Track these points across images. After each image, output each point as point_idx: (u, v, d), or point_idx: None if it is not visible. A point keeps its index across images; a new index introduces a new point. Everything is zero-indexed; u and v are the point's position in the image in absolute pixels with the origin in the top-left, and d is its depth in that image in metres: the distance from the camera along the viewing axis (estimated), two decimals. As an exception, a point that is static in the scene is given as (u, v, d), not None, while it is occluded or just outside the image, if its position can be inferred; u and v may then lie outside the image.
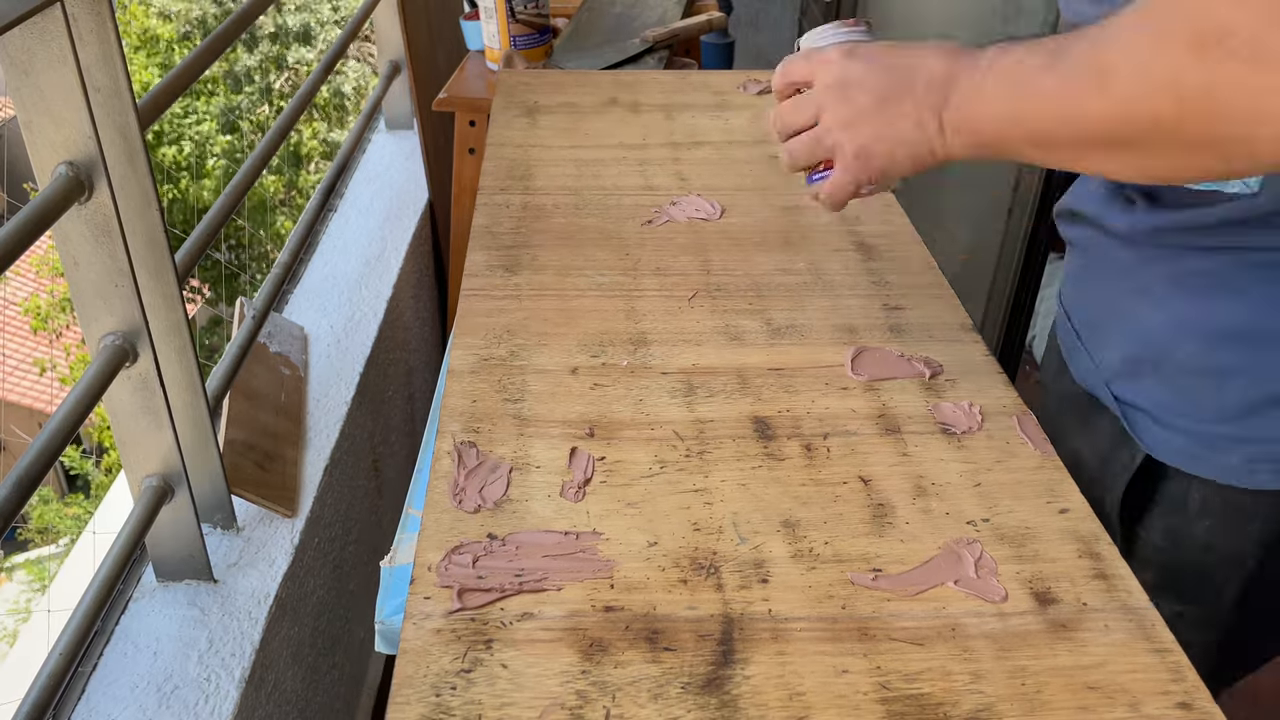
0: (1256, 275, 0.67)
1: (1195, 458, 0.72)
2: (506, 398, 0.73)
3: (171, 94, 0.94)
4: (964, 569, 0.60)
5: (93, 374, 0.80)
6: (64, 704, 0.84)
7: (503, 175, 1.05)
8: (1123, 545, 0.76)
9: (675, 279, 0.88)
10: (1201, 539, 0.74)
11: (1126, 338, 0.75)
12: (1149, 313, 0.73)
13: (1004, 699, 0.52)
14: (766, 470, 0.67)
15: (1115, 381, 0.76)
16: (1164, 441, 0.73)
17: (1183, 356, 0.71)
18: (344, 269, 1.54)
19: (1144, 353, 0.74)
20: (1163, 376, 0.73)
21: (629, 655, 0.54)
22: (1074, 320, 0.83)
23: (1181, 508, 0.74)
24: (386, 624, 0.80)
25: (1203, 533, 0.74)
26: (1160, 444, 0.74)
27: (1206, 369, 0.70)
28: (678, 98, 1.25)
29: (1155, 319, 0.73)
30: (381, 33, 1.87)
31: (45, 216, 0.72)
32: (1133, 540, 0.78)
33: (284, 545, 1.03)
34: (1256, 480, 0.70)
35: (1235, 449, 0.70)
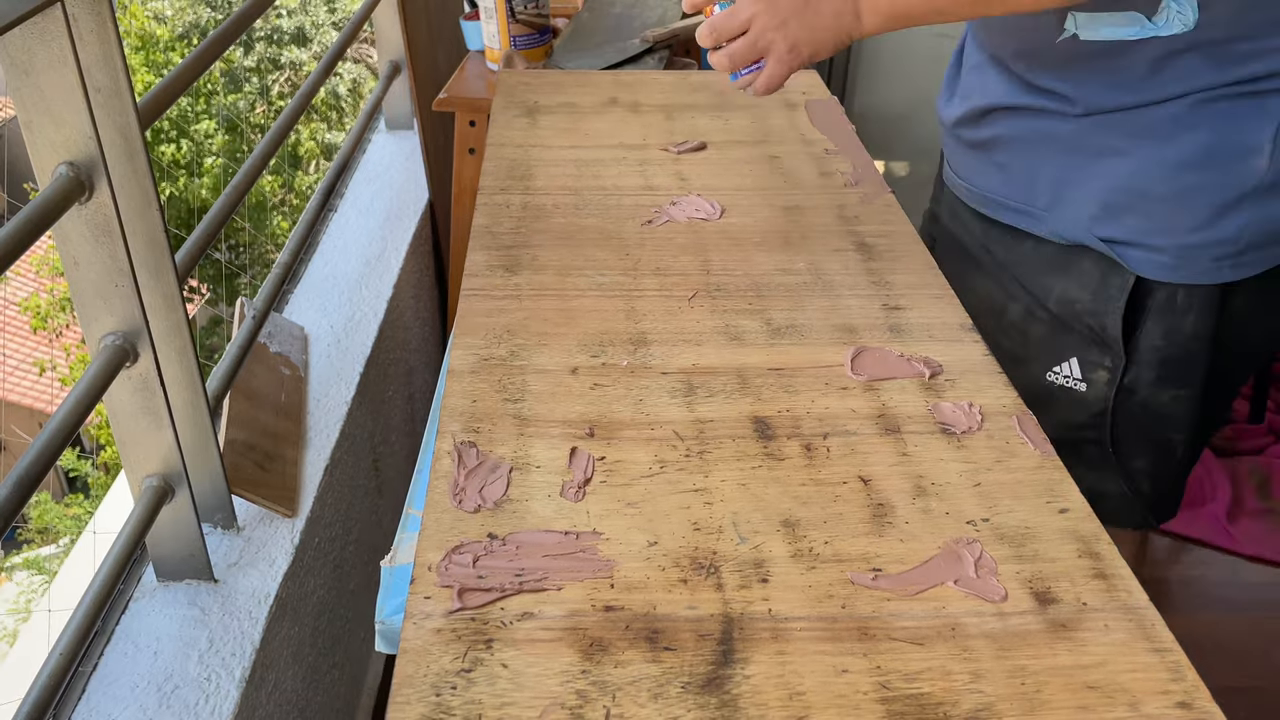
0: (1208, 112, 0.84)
1: (1176, 268, 0.90)
2: (506, 398, 0.73)
3: (171, 94, 0.94)
4: (964, 569, 0.60)
5: (93, 374, 0.80)
6: (64, 704, 0.84)
7: (503, 175, 1.05)
8: (1126, 356, 0.94)
9: (675, 279, 0.88)
10: (1189, 330, 0.92)
11: (1099, 189, 0.91)
12: (1118, 164, 0.89)
13: (1004, 698, 0.52)
14: (766, 470, 0.67)
15: (1096, 226, 0.92)
16: (1149, 260, 0.90)
17: (1155, 190, 0.88)
18: (344, 269, 1.54)
19: (1120, 196, 0.90)
20: (1140, 210, 0.89)
21: (629, 655, 0.54)
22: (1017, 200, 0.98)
23: (1170, 309, 0.92)
24: (387, 624, 0.80)
25: (1189, 325, 0.92)
26: (1147, 264, 0.90)
27: (1175, 194, 0.87)
28: (678, 98, 1.25)
29: (1125, 167, 0.89)
30: (381, 33, 1.87)
31: (45, 216, 0.72)
32: (1134, 350, 0.94)
33: (284, 545, 1.03)
34: (1222, 275, 0.89)
35: (1205, 253, 0.88)
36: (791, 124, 1.18)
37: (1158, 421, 0.98)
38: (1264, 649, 1.64)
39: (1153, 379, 0.95)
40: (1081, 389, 0.98)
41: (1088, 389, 0.98)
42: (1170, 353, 0.93)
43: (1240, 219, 0.87)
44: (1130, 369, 0.95)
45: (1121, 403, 0.97)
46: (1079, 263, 0.94)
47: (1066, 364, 0.99)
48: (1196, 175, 0.86)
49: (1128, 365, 0.95)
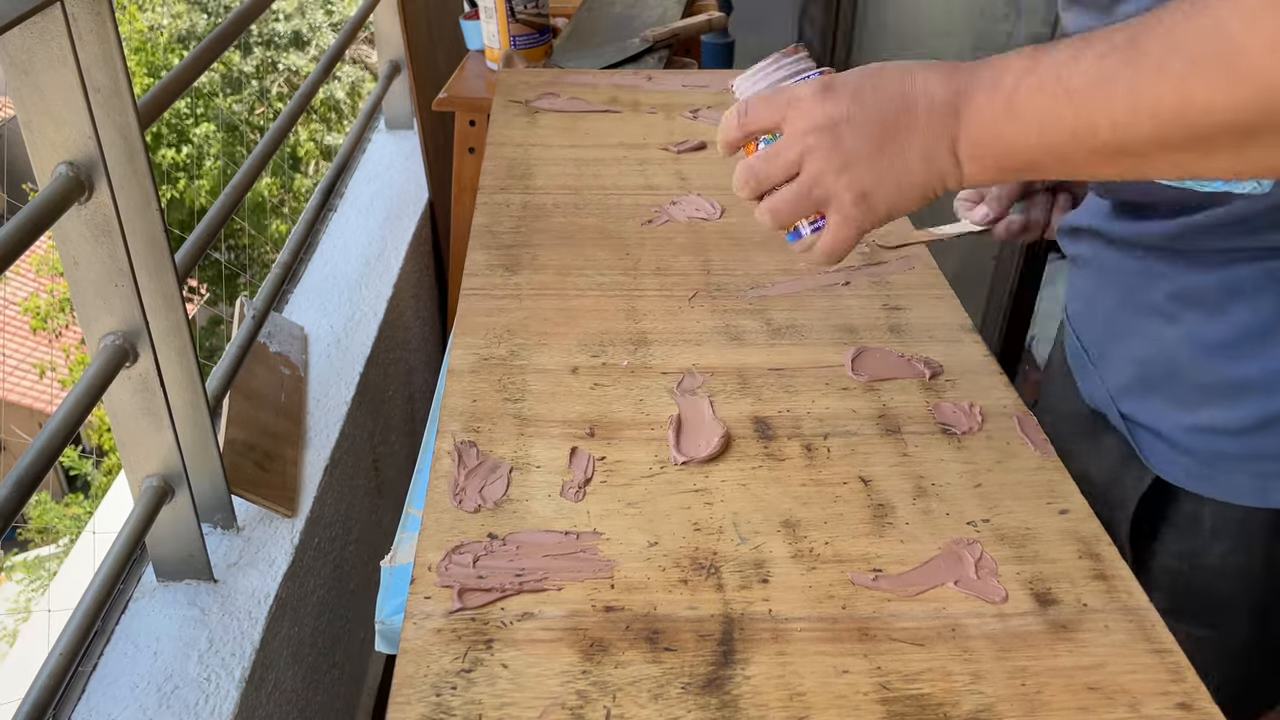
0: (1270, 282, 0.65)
1: (1204, 478, 0.70)
2: (507, 397, 0.73)
3: (171, 94, 0.94)
4: (964, 569, 0.60)
5: (93, 374, 0.80)
6: (64, 704, 0.84)
7: (503, 175, 1.05)
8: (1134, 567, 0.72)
9: (675, 279, 0.88)
10: (1216, 562, 0.72)
11: (1135, 355, 0.73)
12: (1159, 328, 0.71)
13: (1004, 699, 0.52)
14: (767, 470, 0.67)
15: (1123, 400, 0.74)
16: (1171, 461, 0.72)
17: (1194, 372, 0.69)
18: (344, 269, 1.54)
19: (1153, 370, 0.72)
20: (1172, 394, 0.71)
21: (629, 655, 0.54)
22: (1082, 339, 0.80)
23: (1195, 529, 0.72)
24: (387, 624, 0.80)
25: (1217, 556, 0.72)
26: (1167, 464, 0.72)
27: (1219, 384, 0.68)
28: (678, 97, 1.25)
29: (1165, 334, 0.70)
30: (381, 33, 1.87)
31: (45, 216, 0.72)
32: (1145, 562, 0.76)
33: (284, 545, 1.03)
34: (1270, 499, 0.68)
35: (1246, 466, 0.68)
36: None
37: None
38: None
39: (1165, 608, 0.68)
40: None
41: None
42: (1186, 582, 0.74)
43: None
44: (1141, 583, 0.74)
45: None
46: (1103, 439, 0.77)
47: None
48: (1245, 368, 0.67)
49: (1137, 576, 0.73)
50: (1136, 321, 0.73)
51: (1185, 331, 0.69)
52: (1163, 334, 0.71)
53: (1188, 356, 0.69)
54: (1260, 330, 0.66)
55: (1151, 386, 0.72)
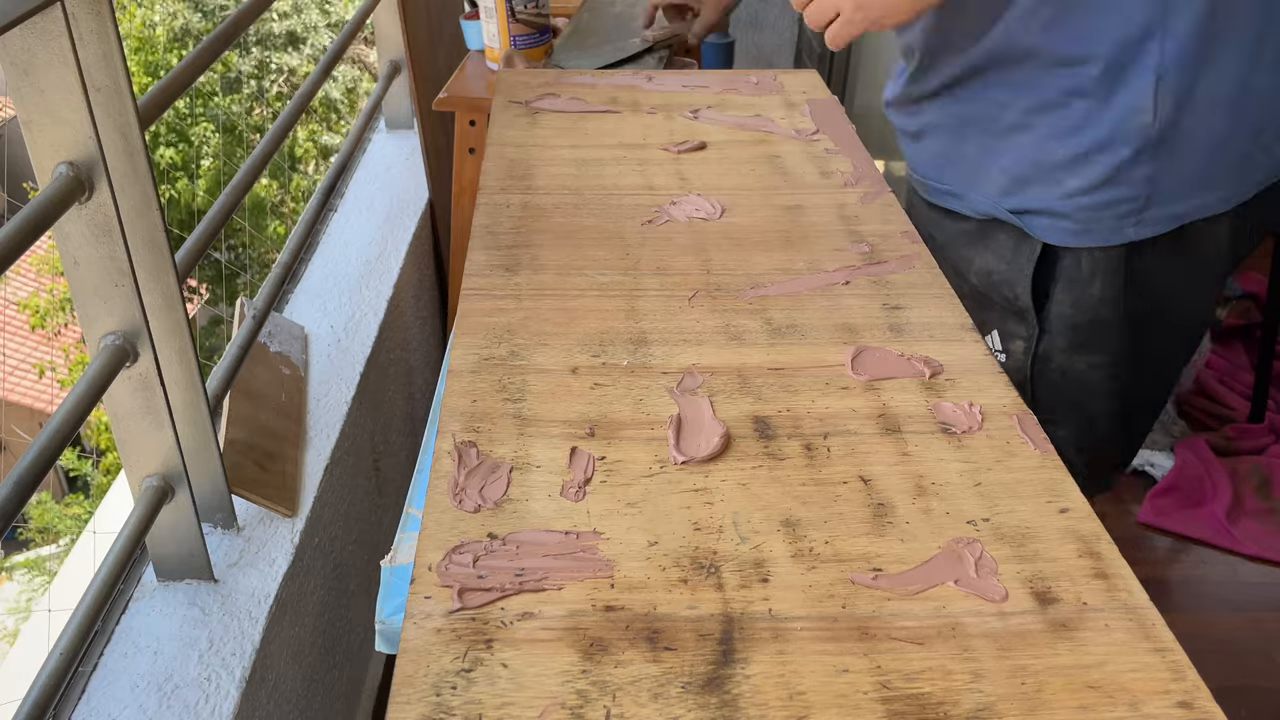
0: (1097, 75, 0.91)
1: (1078, 233, 0.95)
2: (507, 397, 0.73)
3: (172, 94, 0.94)
4: (964, 568, 0.60)
5: (93, 374, 0.80)
6: (64, 704, 0.84)
7: (503, 175, 1.05)
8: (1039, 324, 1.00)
9: (675, 278, 0.88)
10: (1097, 295, 0.96)
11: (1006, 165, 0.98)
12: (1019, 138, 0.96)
13: (1004, 698, 0.52)
14: (767, 470, 0.67)
15: (1006, 199, 0.99)
16: (1053, 227, 0.96)
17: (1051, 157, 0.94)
18: (344, 269, 1.54)
19: (1024, 168, 0.97)
20: (1042, 179, 0.95)
21: (629, 655, 0.54)
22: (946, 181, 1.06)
23: (1077, 276, 0.96)
24: (387, 624, 0.80)
25: (1097, 290, 0.96)
26: (1051, 230, 0.96)
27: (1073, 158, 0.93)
28: (678, 98, 1.25)
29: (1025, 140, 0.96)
30: (381, 32, 1.87)
31: (45, 216, 0.72)
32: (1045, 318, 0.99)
33: (284, 545, 1.03)
34: (1125, 234, 0.94)
35: (1105, 213, 0.93)
36: (792, 124, 1.18)
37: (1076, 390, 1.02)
38: (1264, 649, 1.64)
39: (1065, 346, 1.00)
40: (1002, 359, 1.02)
41: (1008, 360, 1.03)
42: (1079, 319, 0.98)
43: (1137, 173, 0.91)
44: (1044, 337, 1.00)
45: (1039, 371, 1.01)
46: (995, 235, 1.01)
47: (989, 337, 1.03)
48: (1087, 139, 0.92)
49: (1041, 334, 1.00)
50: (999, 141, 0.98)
51: (1040, 132, 0.95)
52: (1023, 140, 0.96)
53: (1044, 150, 0.95)
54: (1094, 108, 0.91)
55: (1026, 181, 0.97)
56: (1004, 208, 0.98)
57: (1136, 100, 0.90)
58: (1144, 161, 0.91)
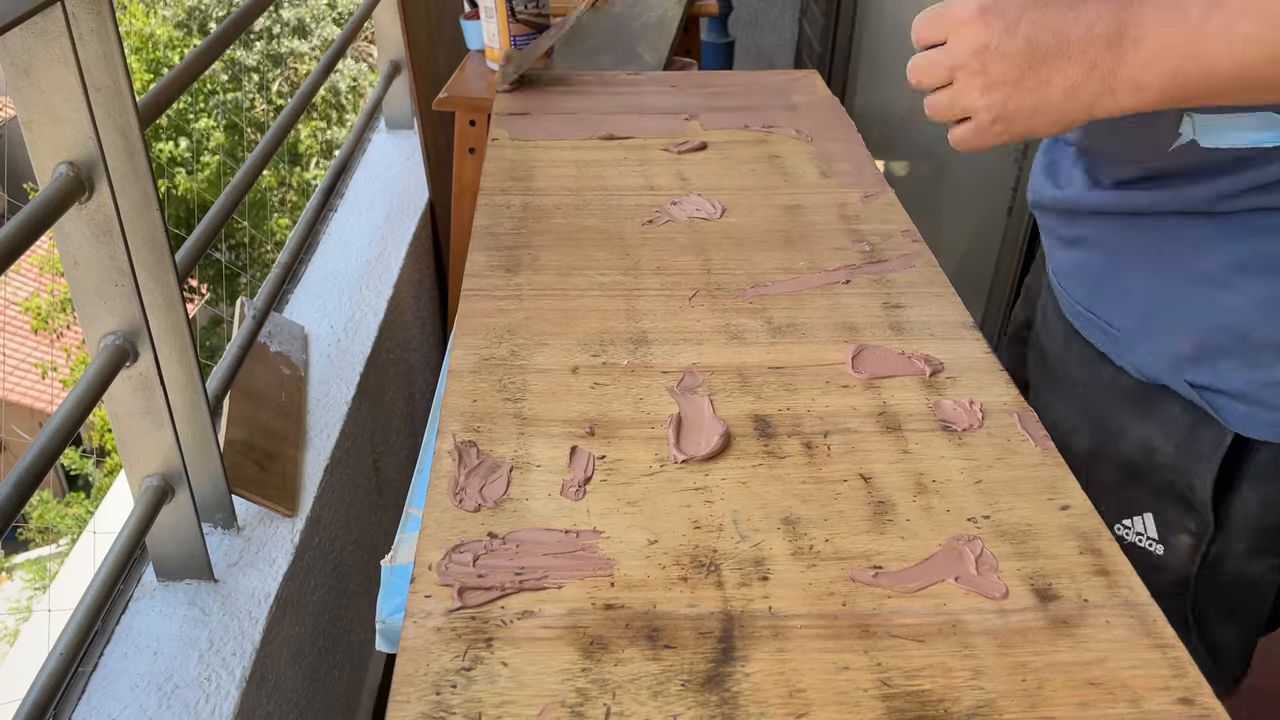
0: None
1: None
2: (507, 397, 0.73)
3: (172, 93, 0.94)
4: (965, 566, 0.60)
5: (93, 374, 0.80)
6: (65, 704, 0.84)
7: (503, 175, 1.05)
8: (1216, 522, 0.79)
9: (676, 278, 0.88)
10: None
11: (1194, 324, 0.75)
12: (1217, 296, 0.72)
13: (1005, 695, 0.52)
14: (767, 468, 0.67)
15: (1187, 369, 0.76)
16: (1250, 418, 0.74)
17: (1262, 333, 0.72)
18: (344, 269, 1.54)
19: (1219, 337, 0.74)
20: (1242, 356, 0.73)
21: (629, 653, 0.54)
22: (1104, 317, 0.81)
23: (1272, 476, 0.76)
24: (387, 623, 0.80)
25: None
26: (1249, 422, 0.74)
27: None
28: (678, 98, 1.25)
29: (1226, 301, 0.72)
30: (381, 32, 1.87)
31: (45, 216, 0.72)
32: (1225, 516, 0.79)
33: (284, 545, 1.03)
34: None
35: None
36: (792, 124, 1.18)
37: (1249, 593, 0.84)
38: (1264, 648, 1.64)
39: (1245, 550, 0.80)
40: (1158, 551, 0.83)
41: (1165, 553, 0.83)
42: (1269, 521, 0.78)
43: None
44: (1219, 536, 0.80)
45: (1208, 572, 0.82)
46: (1163, 405, 0.79)
47: (1140, 519, 0.84)
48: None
49: (1217, 532, 0.80)
50: (1188, 292, 0.74)
51: (1247, 297, 0.71)
52: (1222, 302, 0.72)
53: (1254, 319, 0.72)
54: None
55: (1220, 352, 0.74)
56: (1183, 378, 0.76)
57: None
58: None
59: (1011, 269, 1.98)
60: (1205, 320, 0.74)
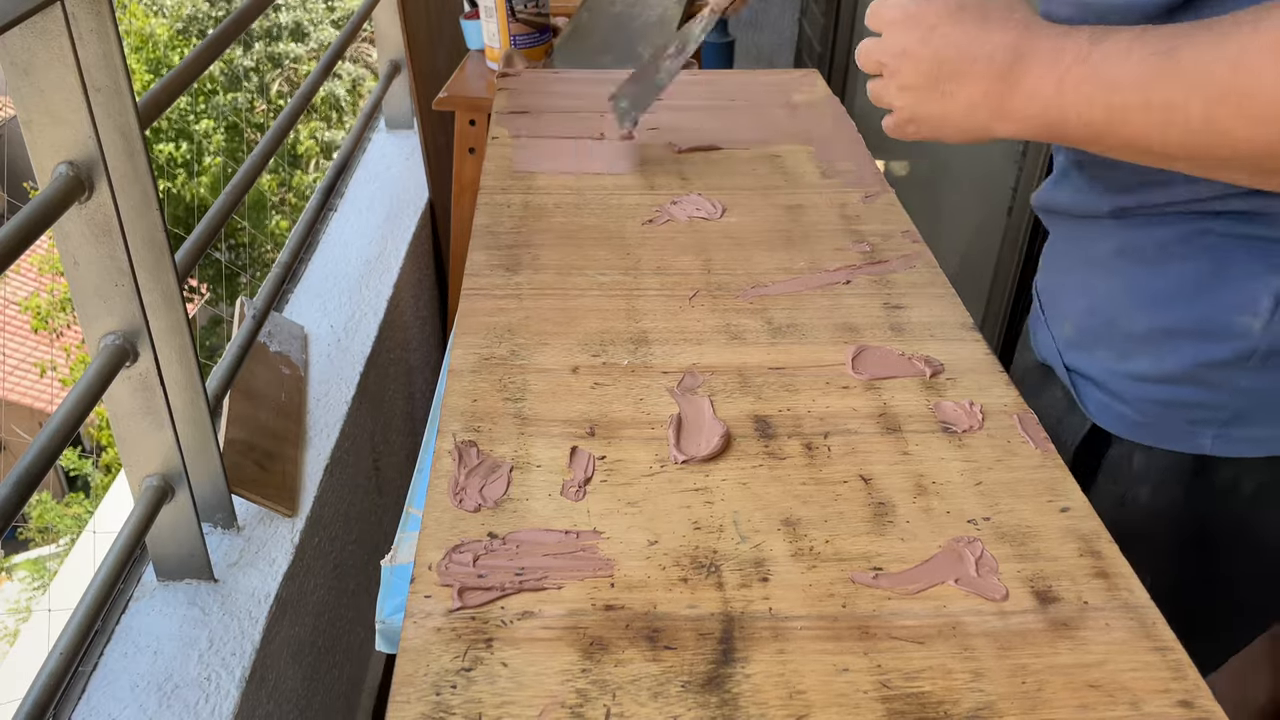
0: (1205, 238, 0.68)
1: (1138, 425, 0.74)
2: (507, 397, 0.73)
3: (172, 93, 0.94)
4: (965, 567, 0.60)
5: (93, 374, 0.80)
6: (65, 703, 0.84)
7: (503, 174, 1.05)
8: None
9: (676, 278, 0.88)
10: (1143, 503, 0.75)
11: (1078, 307, 0.77)
12: (1100, 280, 0.74)
13: (1004, 697, 0.52)
14: (767, 469, 0.67)
15: (1067, 351, 0.78)
16: (1107, 410, 0.75)
17: (1130, 322, 0.72)
18: (344, 268, 1.54)
19: (1094, 321, 0.75)
20: (1111, 344, 0.74)
21: (629, 654, 0.54)
22: (1041, 299, 0.84)
23: (1123, 473, 0.76)
24: (387, 623, 0.80)
25: (1144, 497, 0.75)
26: (1104, 412, 0.75)
27: (1152, 334, 0.71)
28: (679, 97, 1.25)
29: (1106, 286, 0.73)
30: (381, 32, 1.87)
31: (45, 216, 0.72)
32: None
33: (284, 545, 1.03)
34: (1198, 444, 0.72)
35: (1176, 414, 0.72)
36: (792, 124, 1.18)
37: None
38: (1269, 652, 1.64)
39: None
40: None
41: None
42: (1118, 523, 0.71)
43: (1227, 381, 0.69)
44: None
45: None
46: (1050, 389, 0.80)
47: None
48: (1176, 316, 0.70)
49: None
50: (1080, 275, 0.76)
51: (1123, 283, 0.72)
52: (1103, 286, 0.74)
53: (1125, 307, 0.72)
54: (1193, 282, 0.69)
55: (1093, 338, 0.75)
56: (1062, 361, 0.78)
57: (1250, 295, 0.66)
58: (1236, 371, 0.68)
59: (1011, 269, 1.98)
60: (1088, 303, 0.75)
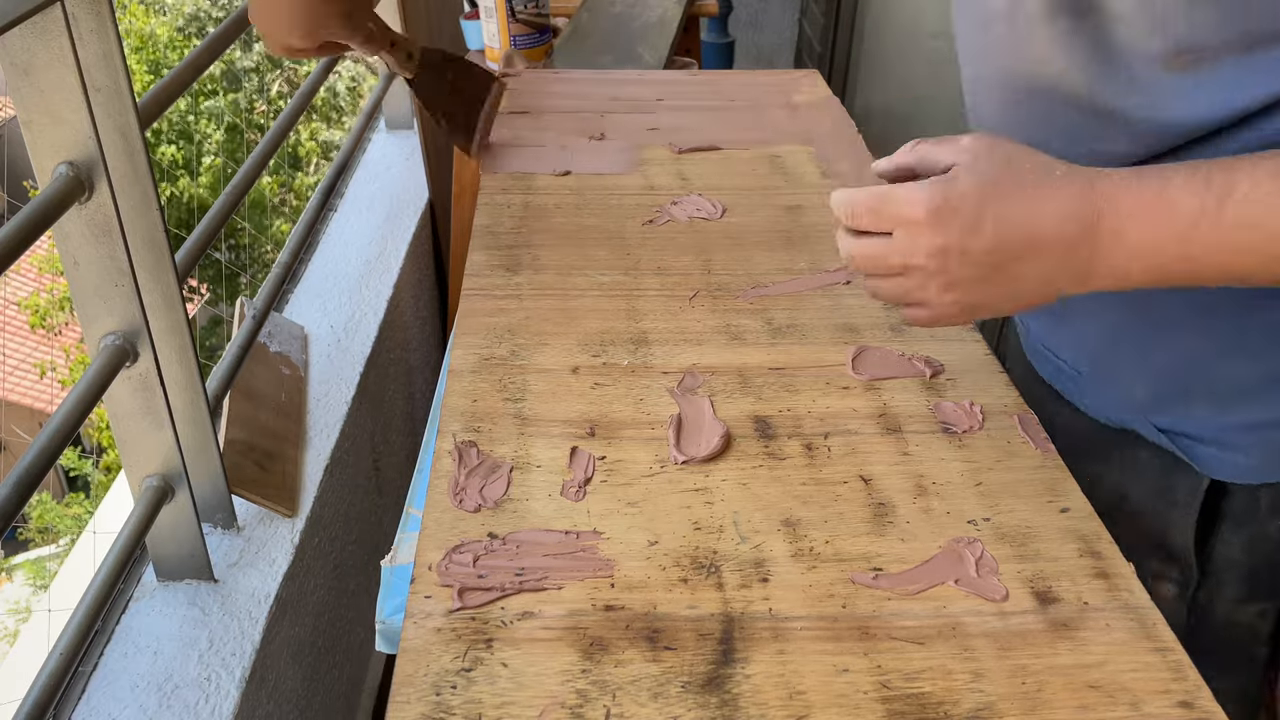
0: None
1: (1260, 469, 0.70)
2: (507, 397, 0.73)
3: (172, 94, 0.94)
4: (965, 568, 0.60)
5: (93, 374, 0.80)
6: (64, 703, 0.84)
7: (503, 175, 1.05)
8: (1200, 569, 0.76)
9: (676, 278, 0.88)
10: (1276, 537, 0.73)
11: (1158, 367, 0.72)
12: (1182, 339, 0.70)
13: (1004, 698, 0.52)
14: (767, 469, 0.67)
15: (1154, 413, 0.73)
16: (1223, 461, 0.71)
17: (1229, 375, 0.69)
18: (344, 269, 1.54)
19: (1184, 380, 0.71)
20: (1211, 400, 0.70)
21: (629, 654, 0.54)
22: (1066, 359, 0.79)
23: (1252, 513, 0.72)
24: (387, 623, 0.80)
25: (1275, 531, 0.72)
26: (1220, 464, 0.71)
27: (1256, 381, 0.68)
28: (679, 97, 1.25)
29: (1190, 344, 0.69)
30: (381, 32, 1.87)
31: (45, 216, 0.72)
32: (1208, 561, 0.76)
33: (284, 545, 1.03)
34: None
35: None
36: (792, 124, 1.18)
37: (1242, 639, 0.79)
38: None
39: (1234, 596, 0.77)
40: None
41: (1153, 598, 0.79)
42: (1256, 563, 0.75)
43: None
44: (1205, 582, 0.76)
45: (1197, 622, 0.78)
46: (1132, 452, 0.75)
47: None
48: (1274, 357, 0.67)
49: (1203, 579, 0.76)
50: (1152, 335, 0.71)
51: (1212, 339, 0.68)
52: (1187, 344, 0.69)
53: (1219, 362, 0.69)
54: None
55: (1187, 396, 0.71)
56: (1150, 423, 0.73)
57: None
58: None
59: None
60: (1172, 362, 0.71)
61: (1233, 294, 0.64)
